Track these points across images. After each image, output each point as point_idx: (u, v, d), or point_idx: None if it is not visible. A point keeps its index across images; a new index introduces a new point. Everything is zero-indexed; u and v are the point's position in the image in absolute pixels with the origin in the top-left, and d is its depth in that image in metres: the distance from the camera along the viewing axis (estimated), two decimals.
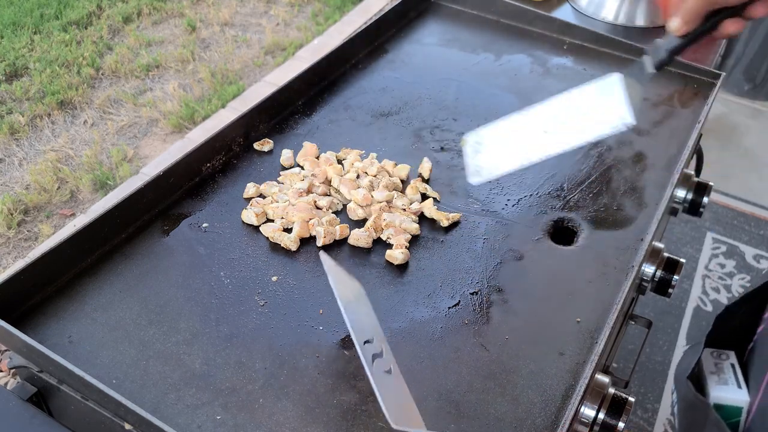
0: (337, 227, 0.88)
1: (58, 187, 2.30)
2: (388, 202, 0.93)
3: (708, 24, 0.68)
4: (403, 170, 0.99)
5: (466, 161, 0.90)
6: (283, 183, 0.96)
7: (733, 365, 0.92)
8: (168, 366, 0.73)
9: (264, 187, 0.95)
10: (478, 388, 0.72)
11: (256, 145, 1.03)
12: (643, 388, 1.76)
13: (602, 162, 1.04)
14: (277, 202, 0.92)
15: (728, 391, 0.89)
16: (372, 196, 0.93)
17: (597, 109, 0.80)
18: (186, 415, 0.69)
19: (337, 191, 0.95)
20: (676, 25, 0.69)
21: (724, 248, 2.16)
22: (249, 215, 0.90)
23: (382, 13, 1.30)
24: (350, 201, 0.93)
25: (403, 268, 0.86)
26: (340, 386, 0.72)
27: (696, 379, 0.87)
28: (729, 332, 0.94)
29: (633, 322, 1.10)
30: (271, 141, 1.04)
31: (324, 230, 0.86)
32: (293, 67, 2.87)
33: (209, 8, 3.33)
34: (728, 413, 0.88)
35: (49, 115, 2.62)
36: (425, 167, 1.00)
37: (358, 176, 0.97)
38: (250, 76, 2.91)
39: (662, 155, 1.06)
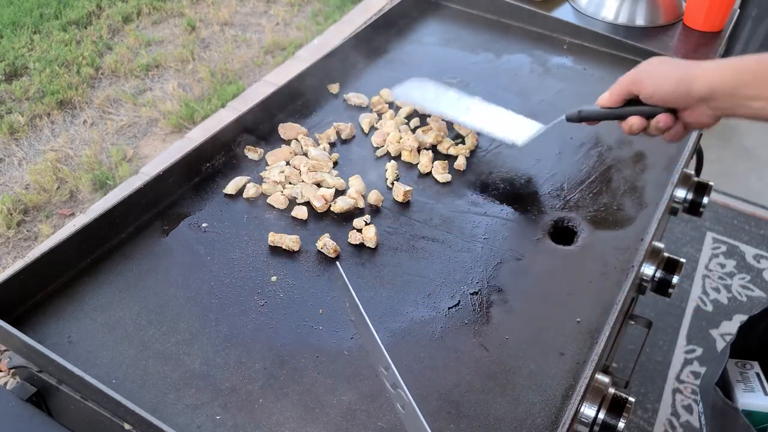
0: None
1: (58, 187, 2.30)
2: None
3: (622, 110, 0.82)
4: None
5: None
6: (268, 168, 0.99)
7: (758, 374, 0.92)
8: (168, 366, 0.73)
9: (264, 186, 0.95)
10: (478, 388, 0.72)
11: (246, 151, 1.01)
12: (643, 388, 1.76)
13: (602, 162, 1.04)
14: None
15: (756, 398, 0.89)
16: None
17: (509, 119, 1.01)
18: (186, 415, 0.69)
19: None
20: (604, 96, 0.83)
21: (724, 248, 2.16)
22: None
23: (382, 13, 1.30)
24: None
25: (403, 268, 0.86)
26: (340, 386, 0.72)
27: (723, 388, 0.87)
28: (753, 342, 0.95)
29: (633, 322, 1.10)
30: (261, 150, 1.02)
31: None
32: (293, 67, 2.86)
33: (209, 8, 3.33)
34: (757, 419, 0.88)
35: (49, 114, 2.61)
36: (399, 191, 0.95)
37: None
38: (249, 76, 2.91)
39: (662, 155, 1.06)
